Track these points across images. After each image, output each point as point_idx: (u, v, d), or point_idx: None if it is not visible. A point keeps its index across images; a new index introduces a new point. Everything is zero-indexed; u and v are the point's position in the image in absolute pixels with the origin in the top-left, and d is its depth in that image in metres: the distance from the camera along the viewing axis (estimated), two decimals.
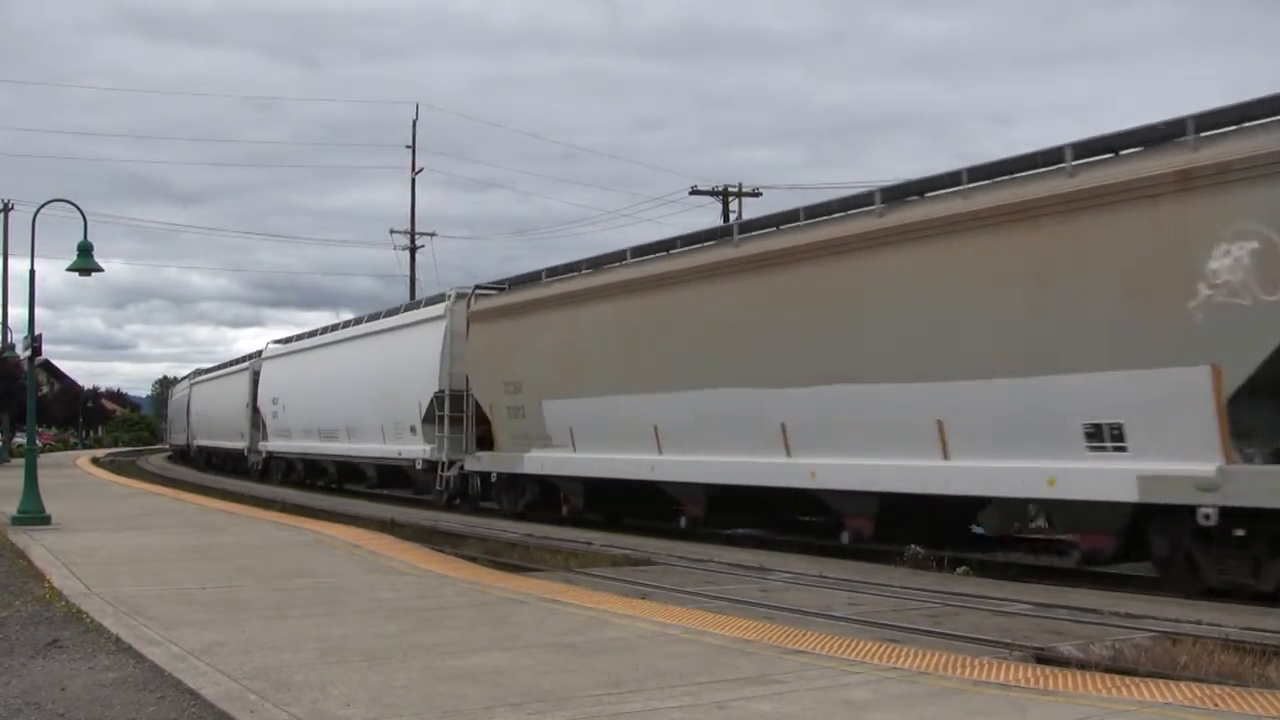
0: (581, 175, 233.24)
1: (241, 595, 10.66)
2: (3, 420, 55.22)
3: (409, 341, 27.73)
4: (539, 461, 22.00)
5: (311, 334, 37.84)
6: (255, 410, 42.19)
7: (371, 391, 29.77)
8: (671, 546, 16.75)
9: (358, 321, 33.16)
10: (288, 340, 40.90)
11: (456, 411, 25.23)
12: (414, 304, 29.25)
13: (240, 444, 45.48)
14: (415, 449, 27.00)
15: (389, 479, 30.95)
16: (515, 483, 23.43)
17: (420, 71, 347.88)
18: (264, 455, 41.62)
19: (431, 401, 25.83)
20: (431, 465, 26.18)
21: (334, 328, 35.97)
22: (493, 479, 24.00)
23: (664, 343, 18.43)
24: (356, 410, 31.08)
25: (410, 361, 26.99)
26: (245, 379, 44.32)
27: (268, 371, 41.00)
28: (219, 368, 55.44)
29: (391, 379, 28.26)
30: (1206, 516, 11.14)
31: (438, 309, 26.62)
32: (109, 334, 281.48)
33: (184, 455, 65.15)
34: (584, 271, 21.37)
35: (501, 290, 24.36)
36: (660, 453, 18.59)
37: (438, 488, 26.04)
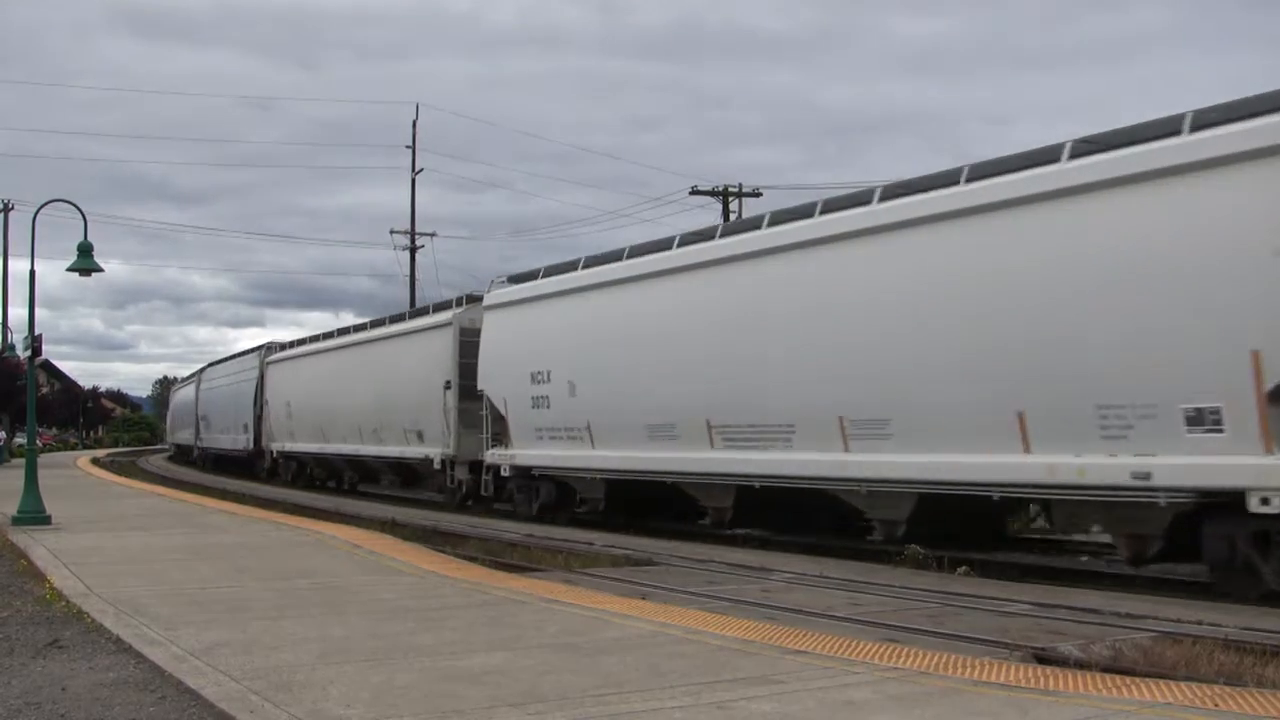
0: (579, 175, 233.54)
1: (242, 595, 10.66)
2: (3, 420, 55.22)
3: (1147, 219, 11.96)
4: None
5: (661, 246, 19.32)
6: (463, 395, 25.20)
7: (1005, 339, 13.22)
8: (673, 547, 16.75)
9: (857, 201, 15.55)
10: (563, 268, 22.18)
11: None
12: (1102, 138, 12.75)
13: (418, 451, 27.51)
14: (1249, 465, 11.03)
15: (971, 520, 15.23)
16: None
17: (417, 72, 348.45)
18: (502, 470, 23.25)
19: None
20: None
21: (785, 216, 16.93)
22: None
23: None
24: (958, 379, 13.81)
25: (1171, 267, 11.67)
26: (438, 344, 26.46)
27: (504, 326, 23.40)
28: (342, 333, 34.88)
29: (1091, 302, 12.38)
30: None
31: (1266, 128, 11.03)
32: (108, 334, 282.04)
33: (240, 464, 45.47)
34: None
35: None
36: None
37: None
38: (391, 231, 51.64)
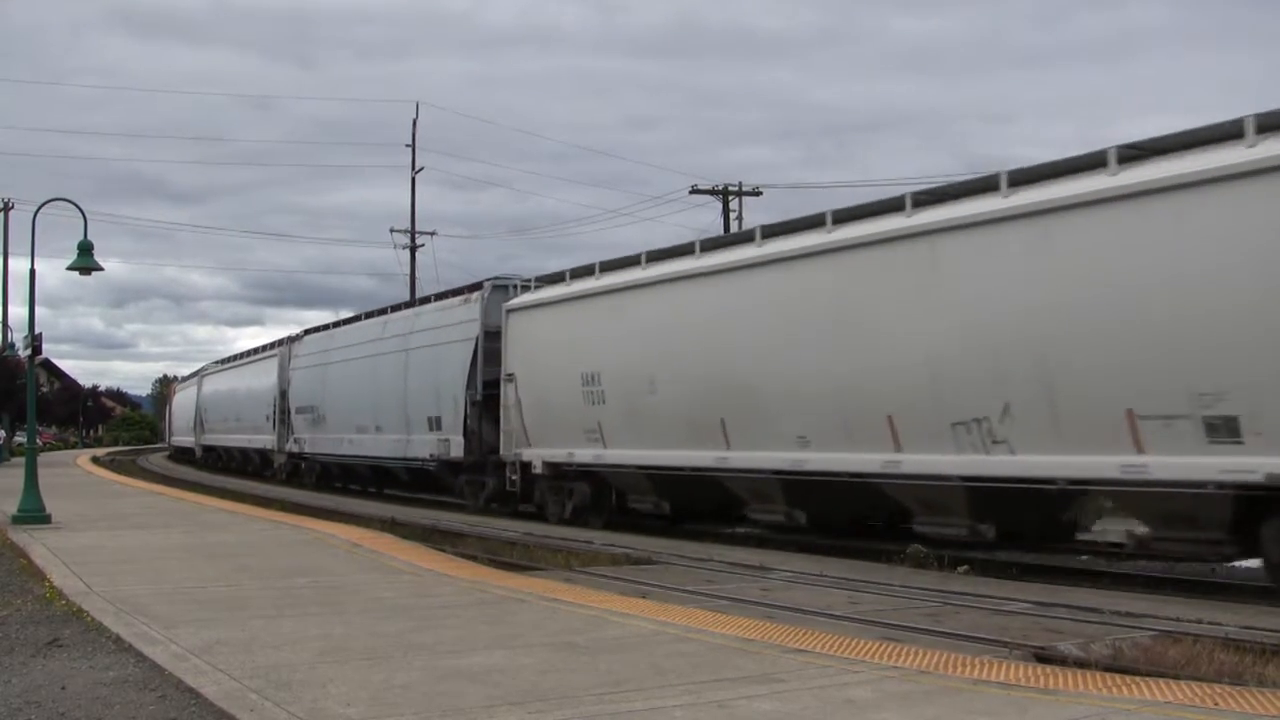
0: (578, 174, 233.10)
1: (242, 594, 10.66)
2: (3, 419, 55.20)
3: None
4: None
5: None
6: None
7: None
8: (673, 545, 16.75)
9: None
10: None
11: None
12: None
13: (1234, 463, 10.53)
14: None
15: None
16: None
17: (416, 70, 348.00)
18: None
19: None
20: None
21: None
22: None
23: None
24: None
25: None
26: None
27: None
28: (792, 229, 16.31)
29: None
30: None
31: None
32: (108, 333, 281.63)
33: (393, 480, 30.12)
34: None
35: None
36: None
37: None
38: (391, 230, 51.57)
